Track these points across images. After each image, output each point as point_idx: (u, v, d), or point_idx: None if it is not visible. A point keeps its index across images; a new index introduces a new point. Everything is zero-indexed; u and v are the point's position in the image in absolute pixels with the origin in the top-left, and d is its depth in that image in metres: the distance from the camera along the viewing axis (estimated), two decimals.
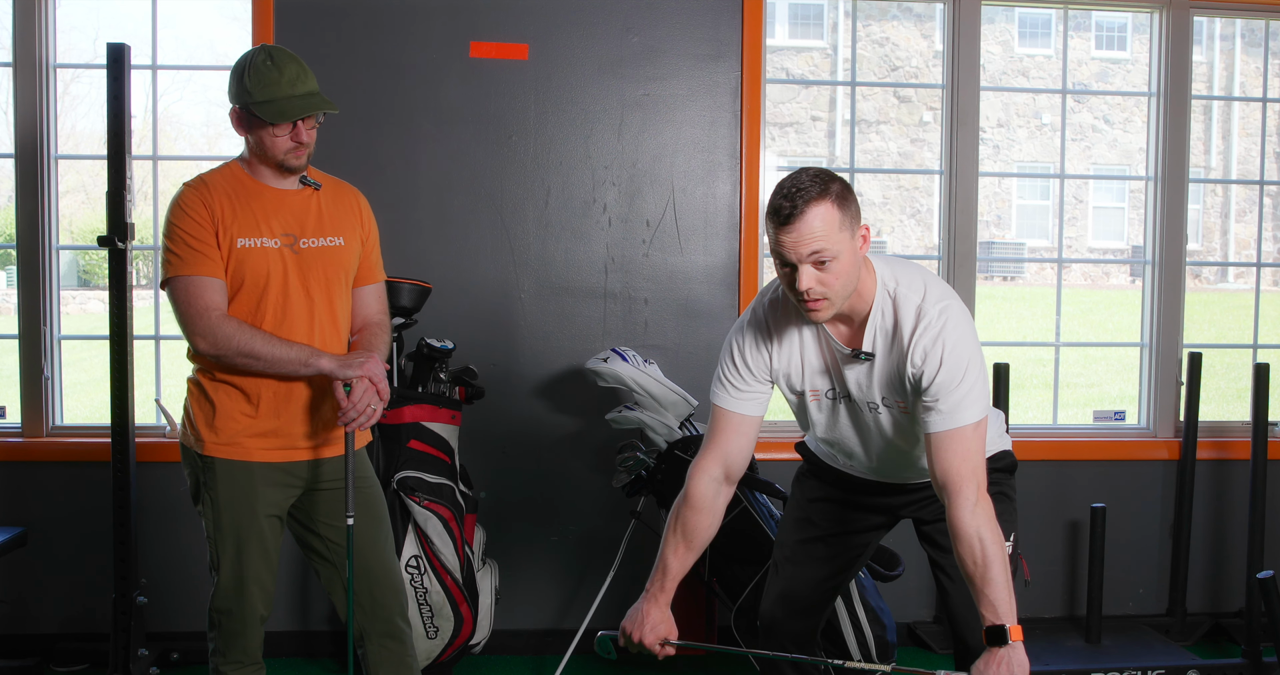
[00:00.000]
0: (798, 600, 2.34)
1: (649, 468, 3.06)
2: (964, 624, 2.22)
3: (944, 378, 1.94)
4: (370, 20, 3.34)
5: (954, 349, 1.94)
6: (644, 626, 2.06)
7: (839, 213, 1.89)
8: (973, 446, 1.95)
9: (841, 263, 1.91)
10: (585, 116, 3.42)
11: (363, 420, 2.20)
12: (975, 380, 1.95)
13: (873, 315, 2.02)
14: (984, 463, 1.97)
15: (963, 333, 1.97)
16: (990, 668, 1.85)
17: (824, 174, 1.92)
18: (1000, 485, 2.20)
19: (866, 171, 6.96)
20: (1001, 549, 1.89)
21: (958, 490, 1.92)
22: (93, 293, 11.82)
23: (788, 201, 1.88)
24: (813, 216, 1.87)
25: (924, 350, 1.96)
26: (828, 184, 1.90)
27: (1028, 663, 1.87)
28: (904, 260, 2.12)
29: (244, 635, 2.31)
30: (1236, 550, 3.67)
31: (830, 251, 1.89)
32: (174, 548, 3.34)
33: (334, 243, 2.30)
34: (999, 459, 2.24)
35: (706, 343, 3.46)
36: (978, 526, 1.89)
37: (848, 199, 1.92)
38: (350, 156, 3.25)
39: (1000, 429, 2.30)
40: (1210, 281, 15.14)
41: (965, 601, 2.16)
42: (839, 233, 1.89)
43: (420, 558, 3.02)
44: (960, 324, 1.97)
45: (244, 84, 2.17)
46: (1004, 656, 1.85)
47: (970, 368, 1.95)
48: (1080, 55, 16.23)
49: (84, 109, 11.42)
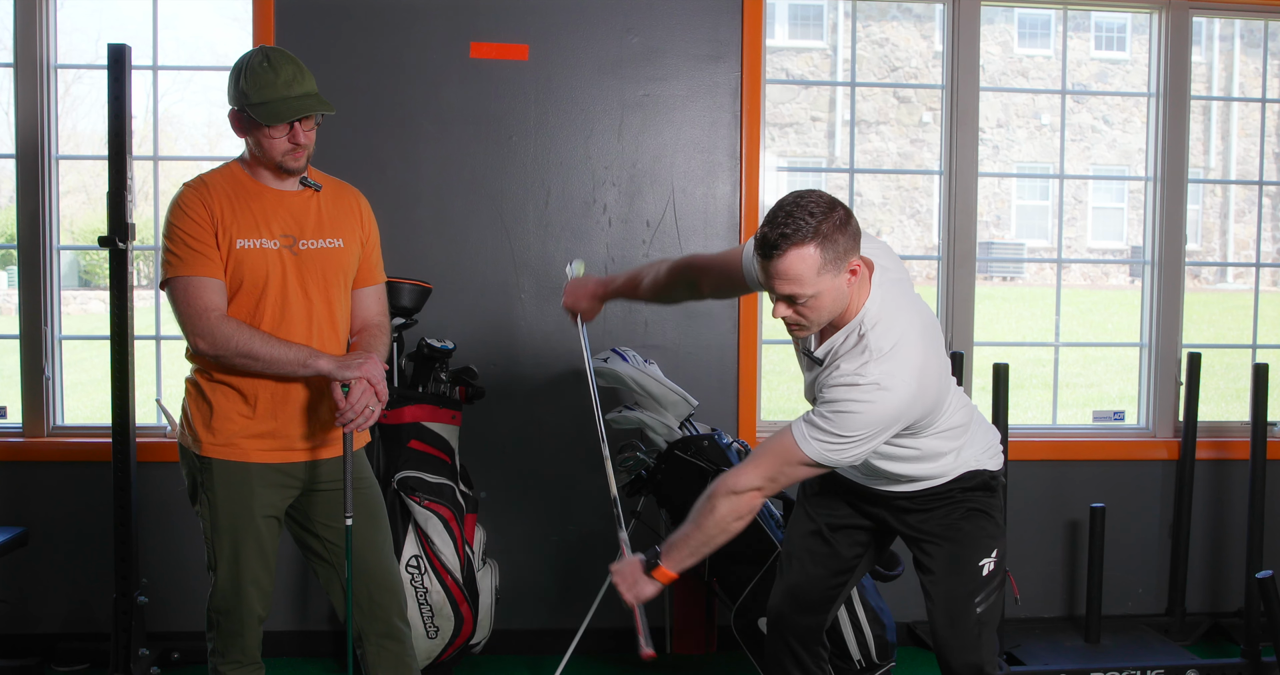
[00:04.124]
0: (804, 595, 2.36)
1: (649, 468, 3.06)
2: (944, 644, 2.23)
3: (826, 422, 1.98)
4: (370, 21, 3.35)
5: (850, 418, 1.96)
6: (576, 294, 2.53)
7: (821, 256, 1.89)
8: (775, 453, 2.06)
9: (820, 299, 1.93)
10: (585, 117, 3.43)
11: (360, 421, 2.20)
12: (841, 444, 1.98)
13: (838, 334, 2.04)
14: (769, 473, 2.06)
15: (872, 415, 1.96)
16: (619, 568, 2.17)
17: (819, 208, 1.89)
18: (971, 502, 2.21)
19: (866, 172, 6.96)
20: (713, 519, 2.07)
21: (741, 464, 2.11)
22: (93, 293, 11.81)
23: (773, 235, 1.89)
24: (792, 260, 1.88)
25: (835, 397, 1.98)
26: (819, 223, 1.88)
27: (645, 595, 2.15)
28: (907, 298, 2.07)
29: (242, 635, 2.31)
30: (1235, 550, 3.67)
31: (805, 295, 1.92)
32: (174, 548, 3.34)
33: (333, 244, 2.30)
34: (970, 478, 2.21)
35: (706, 343, 3.47)
36: (713, 491, 2.08)
37: (836, 238, 1.89)
38: (350, 157, 3.26)
39: (990, 450, 2.26)
40: (1209, 282, 15.14)
41: (944, 621, 2.19)
42: (818, 276, 1.90)
43: (420, 558, 3.02)
44: (879, 408, 1.95)
45: (240, 86, 2.17)
46: (632, 568, 2.15)
47: (851, 439, 1.98)
48: (1080, 56, 16.23)
49: (85, 109, 11.43)
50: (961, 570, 2.20)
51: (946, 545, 2.21)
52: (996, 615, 2.24)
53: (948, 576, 2.21)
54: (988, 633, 2.21)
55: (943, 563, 2.22)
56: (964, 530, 2.20)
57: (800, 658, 2.38)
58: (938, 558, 2.22)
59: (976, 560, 2.19)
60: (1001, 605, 2.25)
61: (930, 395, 2.02)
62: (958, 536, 2.20)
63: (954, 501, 2.21)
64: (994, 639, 2.24)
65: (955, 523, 2.21)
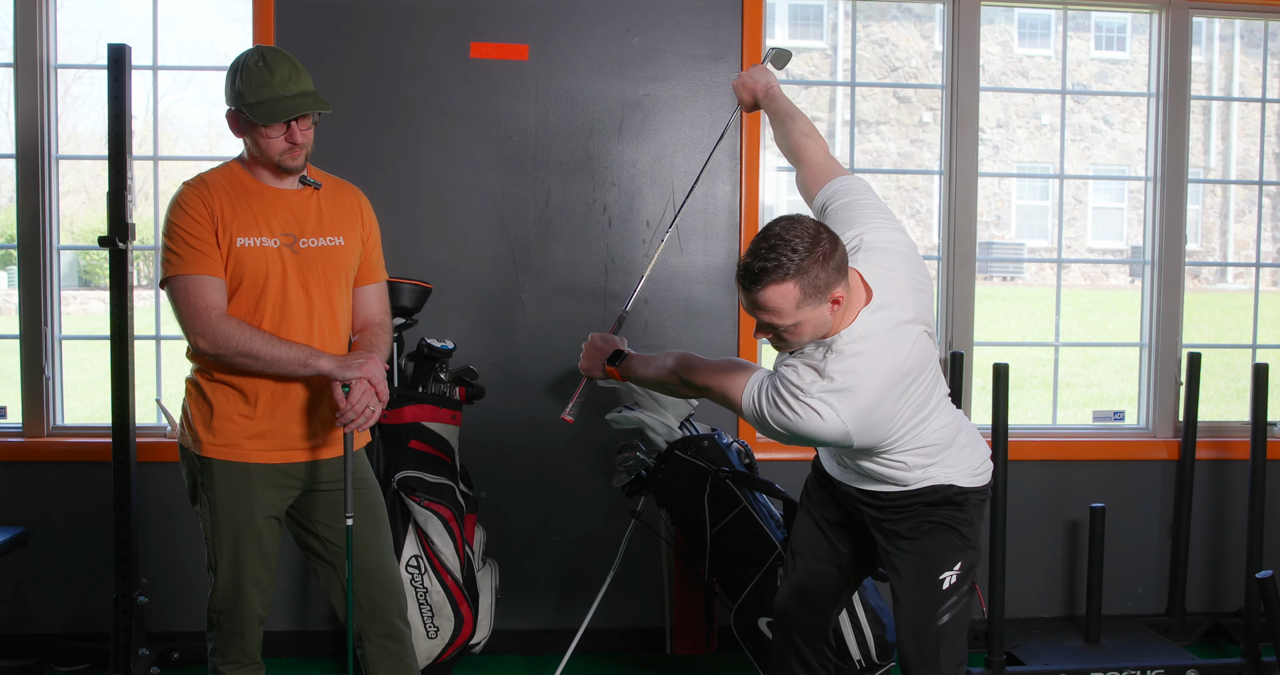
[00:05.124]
0: (810, 593, 2.37)
1: (649, 468, 3.06)
2: (906, 656, 2.23)
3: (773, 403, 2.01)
4: (370, 21, 3.35)
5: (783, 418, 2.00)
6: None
7: (799, 292, 1.90)
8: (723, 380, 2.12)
9: (801, 328, 1.96)
10: (585, 117, 3.43)
11: (361, 421, 2.20)
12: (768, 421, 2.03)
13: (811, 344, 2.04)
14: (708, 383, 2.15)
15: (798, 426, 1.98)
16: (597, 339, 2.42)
17: (803, 242, 1.89)
18: (935, 516, 2.17)
19: (866, 172, 6.95)
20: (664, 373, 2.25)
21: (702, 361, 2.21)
22: (93, 293, 11.81)
23: (755, 266, 1.90)
24: (771, 294, 1.91)
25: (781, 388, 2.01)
26: (802, 259, 1.88)
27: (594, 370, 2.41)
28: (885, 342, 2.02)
29: (242, 635, 2.31)
30: (1235, 550, 3.67)
31: (784, 326, 1.94)
32: (174, 548, 3.34)
33: (334, 242, 2.30)
34: (932, 492, 2.16)
35: (707, 343, 3.46)
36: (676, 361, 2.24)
37: (817, 274, 1.90)
38: (350, 157, 3.26)
39: (968, 468, 2.19)
40: (1209, 282, 15.15)
41: (908, 633, 2.21)
42: (797, 309, 1.92)
43: (420, 557, 3.02)
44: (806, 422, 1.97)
45: (237, 86, 2.17)
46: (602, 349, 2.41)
47: (774, 431, 2.03)
48: (1080, 56, 16.23)
49: (85, 110, 11.43)
50: (922, 581, 2.18)
51: (909, 555, 2.20)
52: (961, 628, 2.21)
53: (911, 588, 2.20)
54: (946, 647, 2.19)
55: (907, 572, 2.21)
56: (925, 543, 2.18)
57: (805, 656, 2.39)
58: (902, 565, 2.21)
59: (937, 572, 2.17)
60: (968, 619, 2.23)
61: (873, 435, 2.02)
62: (919, 548, 2.19)
63: (917, 515, 2.18)
64: (957, 652, 2.22)
65: (919, 535, 2.19)
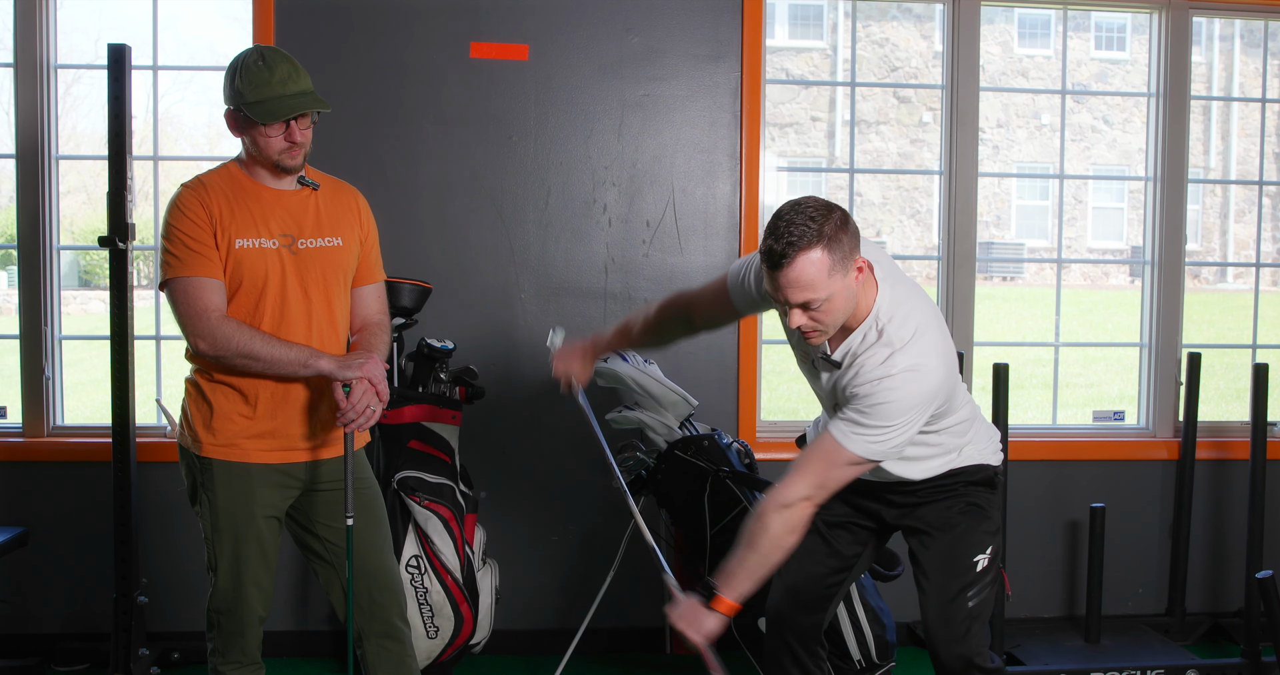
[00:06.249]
0: (803, 594, 2.37)
1: (649, 468, 3.06)
2: (935, 636, 2.25)
3: (864, 417, 1.99)
4: (370, 21, 3.35)
5: (888, 407, 1.99)
6: (567, 359, 2.52)
7: (829, 258, 1.91)
8: (818, 458, 2.05)
9: (834, 301, 1.96)
10: (585, 117, 3.43)
11: (361, 421, 2.20)
12: (884, 434, 2.00)
13: (854, 335, 2.07)
14: (817, 480, 2.05)
15: (910, 399, 1.99)
16: (677, 610, 2.10)
17: (818, 212, 1.93)
18: (971, 496, 2.25)
19: (866, 172, 6.96)
20: (766, 537, 2.04)
21: (784, 478, 2.06)
22: (93, 293, 11.80)
23: (779, 245, 1.91)
24: (803, 265, 1.91)
25: (868, 392, 2.00)
26: (821, 225, 1.91)
27: (710, 631, 2.07)
28: (910, 289, 2.12)
29: (242, 635, 2.31)
30: (1235, 550, 3.67)
31: (820, 299, 1.94)
32: (174, 548, 3.34)
33: (332, 243, 2.30)
34: (975, 471, 2.25)
35: (706, 343, 3.46)
36: (761, 510, 2.06)
37: (840, 239, 1.93)
38: (350, 157, 3.26)
39: (992, 446, 2.31)
40: (1209, 282, 15.13)
41: (936, 614, 2.22)
42: (829, 278, 1.93)
43: (420, 558, 3.02)
44: (915, 390, 1.99)
45: (236, 85, 2.16)
46: (690, 607, 2.09)
47: (893, 427, 2.00)
48: (1080, 56, 16.22)
49: (85, 110, 11.44)
50: (955, 564, 2.22)
51: (942, 538, 2.24)
52: (988, 609, 2.26)
53: (942, 569, 2.23)
54: (978, 626, 2.23)
55: (938, 556, 2.24)
56: (960, 525, 2.24)
57: (799, 657, 2.39)
58: (933, 550, 2.25)
59: (971, 556, 2.22)
60: (994, 600, 2.27)
61: (954, 374, 2.09)
62: (953, 530, 2.24)
63: (956, 494, 2.24)
64: (985, 632, 2.26)
65: (952, 517, 2.24)
